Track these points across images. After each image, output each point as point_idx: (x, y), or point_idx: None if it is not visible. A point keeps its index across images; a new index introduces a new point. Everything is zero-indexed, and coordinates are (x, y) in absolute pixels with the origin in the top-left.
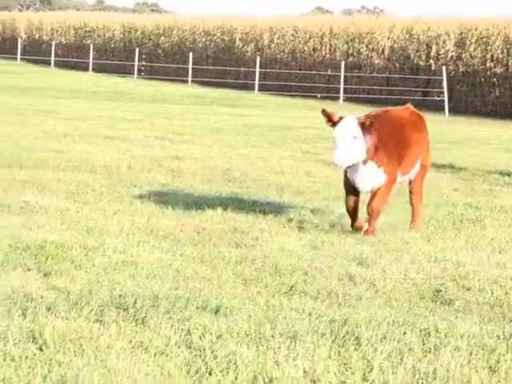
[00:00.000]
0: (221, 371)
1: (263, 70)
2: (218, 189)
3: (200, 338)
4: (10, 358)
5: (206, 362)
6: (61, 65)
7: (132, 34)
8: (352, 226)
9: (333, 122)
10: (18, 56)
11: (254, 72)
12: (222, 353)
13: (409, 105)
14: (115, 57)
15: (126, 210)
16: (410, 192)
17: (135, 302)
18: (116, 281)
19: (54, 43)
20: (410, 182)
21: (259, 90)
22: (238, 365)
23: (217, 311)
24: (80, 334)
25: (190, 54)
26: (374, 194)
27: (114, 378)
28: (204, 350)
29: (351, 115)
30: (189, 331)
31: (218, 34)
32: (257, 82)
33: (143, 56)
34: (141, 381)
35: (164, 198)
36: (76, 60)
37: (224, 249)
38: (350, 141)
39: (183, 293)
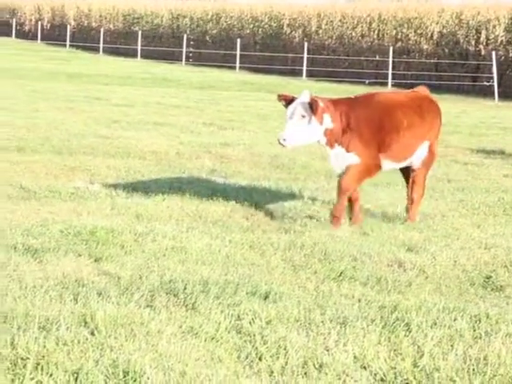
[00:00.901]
0: (271, 356)
1: (311, 55)
2: (267, 175)
3: (250, 323)
4: (63, 342)
5: (256, 348)
6: (109, 51)
7: (180, 21)
8: (349, 219)
9: (288, 102)
10: (67, 43)
11: (302, 58)
12: (271, 338)
13: (419, 88)
14: (163, 43)
15: (175, 196)
16: (412, 182)
17: (185, 288)
18: (166, 266)
19: (102, 30)
20: (413, 171)
21: (307, 76)
22: (288, 350)
23: (266, 297)
24: (131, 318)
25: (238, 40)
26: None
27: (165, 362)
28: (254, 335)
29: (306, 94)
30: (239, 317)
31: (266, 20)
32: (304, 68)
33: (191, 42)
34: (191, 365)
35: (212, 184)
36: (124, 46)
37: (273, 235)
38: (297, 120)
39: (233, 278)
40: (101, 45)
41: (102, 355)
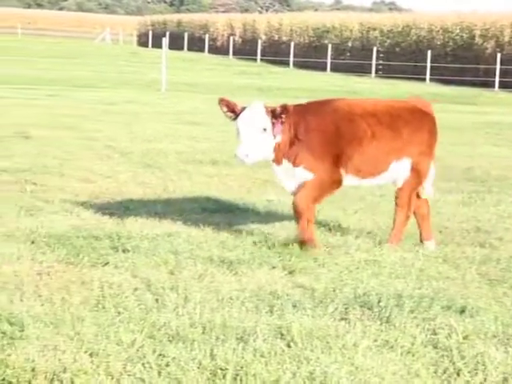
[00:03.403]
0: (469, 372)
1: (504, 66)
2: (460, 187)
3: (446, 338)
4: (260, 353)
5: (454, 363)
6: (299, 65)
7: (369, 33)
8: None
9: (235, 113)
10: (258, 57)
11: (495, 69)
12: (469, 353)
13: (410, 98)
14: (353, 56)
15: (367, 209)
16: (395, 203)
17: (379, 301)
18: (359, 279)
19: (292, 43)
20: (396, 191)
21: (500, 87)
22: (486, 366)
23: (462, 311)
24: (326, 331)
25: (428, 51)
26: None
27: (361, 375)
28: (451, 350)
29: (258, 102)
30: (434, 331)
31: (457, 31)
32: (497, 79)
33: (381, 55)
34: (388, 379)
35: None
36: (314, 60)
37: (467, 248)
38: (258, 133)
39: (427, 292)
40: (291, 58)
41: (298, 367)
